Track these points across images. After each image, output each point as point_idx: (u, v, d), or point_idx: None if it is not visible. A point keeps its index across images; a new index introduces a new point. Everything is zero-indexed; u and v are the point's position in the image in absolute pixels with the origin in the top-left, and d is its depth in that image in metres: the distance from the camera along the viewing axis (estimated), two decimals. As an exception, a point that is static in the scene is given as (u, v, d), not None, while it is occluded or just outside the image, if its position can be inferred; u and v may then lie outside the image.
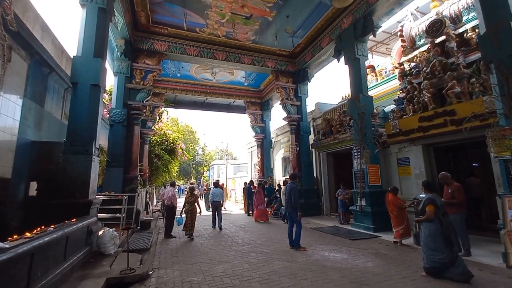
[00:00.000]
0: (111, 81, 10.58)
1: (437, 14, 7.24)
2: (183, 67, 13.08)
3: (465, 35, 6.82)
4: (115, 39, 8.80)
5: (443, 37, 6.98)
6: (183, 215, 7.12)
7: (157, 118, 14.48)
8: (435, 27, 7.06)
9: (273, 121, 16.80)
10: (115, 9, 7.04)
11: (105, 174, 8.53)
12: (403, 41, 8.23)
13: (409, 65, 8.16)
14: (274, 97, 15.34)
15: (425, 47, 7.52)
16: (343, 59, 9.22)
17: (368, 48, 9.66)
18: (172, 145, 15.39)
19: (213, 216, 8.58)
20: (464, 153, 7.86)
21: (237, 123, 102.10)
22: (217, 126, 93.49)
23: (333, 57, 9.99)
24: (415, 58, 7.80)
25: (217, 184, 9.81)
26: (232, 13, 9.09)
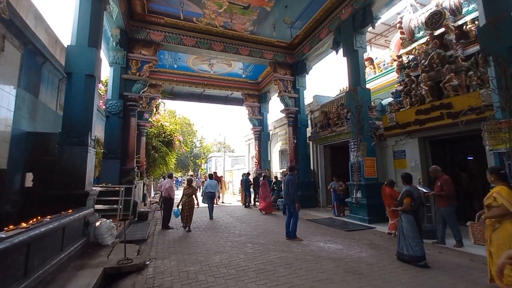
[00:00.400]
0: (106, 72, 10.47)
1: (437, 5, 7.17)
2: (180, 58, 12.91)
3: (464, 27, 6.77)
4: (110, 29, 8.63)
5: (442, 29, 6.93)
6: (180, 207, 7.07)
7: (154, 109, 14.37)
8: (435, 19, 7.00)
9: (271, 113, 16.81)
10: (110, -3, 6.88)
11: (101, 165, 8.51)
12: (402, 33, 8.16)
13: (408, 57, 8.11)
14: (272, 90, 15.25)
15: (424, 40, 7.47)
16: (341, 51, 9.14)
17: (367, 40, 9.56)
18: (169, 137, 15.33)
19: (210, 206, 8.93)
20: (459, 146, 7.91)
21: (235, 115, 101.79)
22: (215, 118, 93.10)
23: (331, 49, 9.90)
24: (414, 50, 7.76)
25: (211, 176, 10.18)
26: (229, 2, 8.91)
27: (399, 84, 8.09)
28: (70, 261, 3.85)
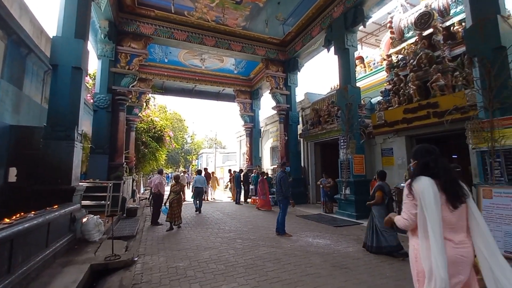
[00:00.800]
0: (94, 65, 10.20)
1: (426, 6, 7.30)
2: (170, 52, 12.69)
3: (452, 28, 6.92)
4: (98, 20, 8.38)
5: (430, 30, 7.07)
6: (168, 205, 6.88)
7: (144, 104, 14.11)
8: (424, 20, 7.14)
9: (263, 110, 16.78)
10: (98, -12, 6.68)
11: (89, 161, 8.33)
12: (392, 33, 8.28)
13: (397, 57, 8.25)
14: (263, 86, 15.23)
15: (413, 40, 7.61)
16: (333, 49, 9.20)
17: (358, 39, 9.65)
18: (159, 132, 15.11)
19: (195, 201, 9.42)
20: (444, 145, 8.15)
21: (226, 111, 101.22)
22: (206, 114, 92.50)
23: (323, 46, 9.95)
24: (403, 50, 7.89)
25: (200, 172, 10.47)
26: (222, -4, 8.82)
27: (388, 83, 8.23)
28: (55, 258, 3.78)
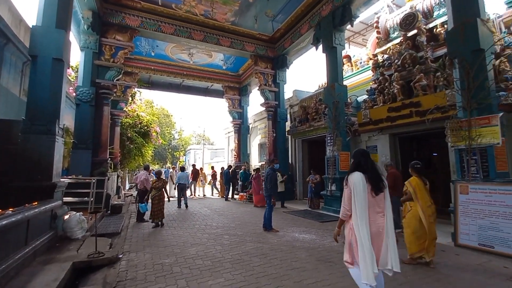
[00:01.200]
0: (77, 57, 9.81)
1: (411, 7, 7.50)
2: (157, 46, 12.40)
3: (434, 30, 7.16)
4: (81, 10, 8.06)
5: (415, 31, 7.29)
6: (146, 202, 6.73)
7: (130, 99, 13.76)
8: (408, 21, 7.34)
9: (251, 106, 16.78)
10: (80, -24, 6.41)
11: (71, 156, 8.06)
12: (378, 33, 8.46)
13: (383, 57, 8.45)
14: (252, 83, 15.19)
15: (398, 40, 7.81)
16: (321, 47, 9.30)
17: (345, 38, 9.79)
18: (146, 128, 14.80)
19: (179, 197, 9.58)
20: (426, 143, 8.46)
21: (215, 107, 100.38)
22: (195, 110, 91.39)
23: (311, 44, 10.03)
24: (388, 50, 8.09)
25: (183, 168, 10.63)
26: (210, -10, 8.69)
27: (373, 82, 8.42)
28: (36, 256, 3.66)
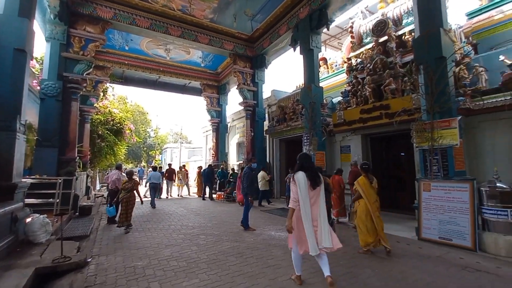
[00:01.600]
0: (42, 48, 9.13)
1: (382, 15, 7.90)
2: (132, 40, 11.89)
3: (403, 37, 7.62)
4: (47, -2, 7.51)
5: (385, 37, 7.70)
6: (114, 205, 6.31)
7: (101, 94, 13.08)
8: (380, 27, 7.73)
9: (230, 105, 16.67)
10: (46, -39, 5.97)
11: (34, 155, 7.50)
12: (352, 37, 8.81)
13: (356, 60, 8.83)
14: (231, 81, 15.12)
15: (370, 45, 8.21)
16: (298, 48, 9.49)
17: (322, 40, 10.09)
18: (118, 125, 14.13)
19: (153, 197, 9.51)
20: (394, 143, 8.97)
21: (192, 105, 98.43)
22: (172, 108, 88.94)
23: (289, 46, 10.20)
24: (361, 54, 8.47)
25: (155, 168, 10.66)
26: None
27: (347, 84, 8.77)
28: (-8, 263, 3.37)
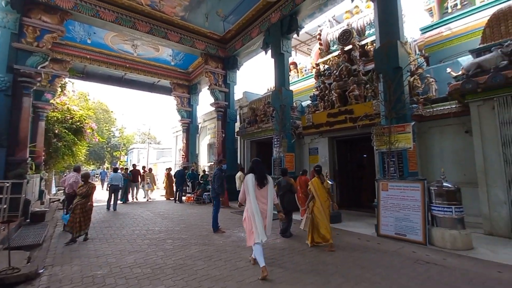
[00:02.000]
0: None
1: (347, 25, 8.38)
2: (95, 33, 11.15)
3: (366, 47, 8.15)
4: (-6, -18, 6.76)
5: (350, 46, 8.17)
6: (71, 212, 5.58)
7: (59, 90, 12.04)
8: (345, 36, 8.18)
9: (201, 106, 16.44)
10: None
11: (-24, 155, 6.67)
12: (320, 44, 9.21)
13: (324, 66, 9.23)
14: (202, 81, 14.88)
15: (337, 53, 8.65)
16: (270, 52, 9.65)
17: (292, 46, 10.39)
18: (78, 123, 13.11)
19: (109, 198, 9.24)
20: (358, 146, 9.54)
21: (162, 105, 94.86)
22: (140, 106, 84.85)
23: (261, 49, 10.34)
24: (329, 61, 8.89)
25: (116, 169, 10.36)
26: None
27: (316, 89, 9.14)
28: None
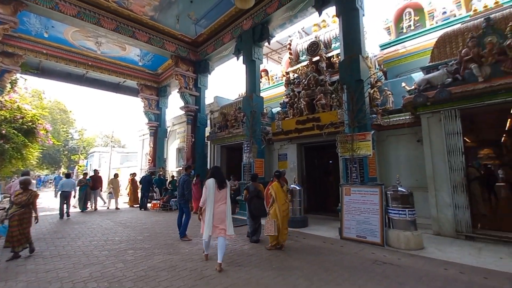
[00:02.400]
0: None
1: (316, 37, 8.82)
2: (53, 27, 10.32)
3: (332, 59, 8.63)
4: None
5: (318, 57, 8.58)
6: (6, 223, 5.05)
7: (8, 86, 10.87)
8: (313, 48, 8.59)
9: (171, 109, 15.94)
10: None
11: None
12: (290, 54, 9.55)
13: (293, 75, 9.57)
14: (172, 84, 14.49)
15: (305, 63, 9.02)
16: (242, 58, 9.75)
17: (264, 53, 10.62)
18: (30, 124, 11.85)
19: (62, 206, 8.68)
20: (325, 152, 9.96)
21: (128, 106, 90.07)
22: (103, 107, 79.69)
23: (233, 54, 10.39)
24: (298, 70, 9.24)
25: (69, 175, 9.82)
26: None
27: (286, 96, 9.41)
28: None
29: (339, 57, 7.95)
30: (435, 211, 5.68)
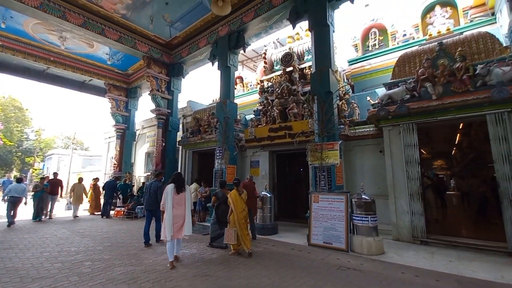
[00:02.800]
0: None
1: (289, 48, 9.12)
2: (12, 17, 9.51)
3: (304, 70, 8.96)
4: None
5: (291, 68, 8.86)
6: None
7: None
8: (287, 59, 8.87)
9: (141, 111, 15.30)
10: None
11: None
12: (265, 63, 9.76)
13: (268, 84, 9.75)
14: (144, 86, 13.96)
15: (279, 72, 9.26)
16: (217, 63, 9.73)
17: (239, 61, 10.71)
18: (-24, 122, 10.69)
19: (9, 213, 8.09)
20: (296, 160, 10.19)
21: (94, 107, 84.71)
22: (65, 107, 74.20)
23: (208, 59, 10.33)
24: (272, 79, 9.45)
25: (20, 179, 9.04)
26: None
27: (259, 104, 9.54)
28: None
29: (311, 69, 8.31)
30: (395, 217, 6.06)
